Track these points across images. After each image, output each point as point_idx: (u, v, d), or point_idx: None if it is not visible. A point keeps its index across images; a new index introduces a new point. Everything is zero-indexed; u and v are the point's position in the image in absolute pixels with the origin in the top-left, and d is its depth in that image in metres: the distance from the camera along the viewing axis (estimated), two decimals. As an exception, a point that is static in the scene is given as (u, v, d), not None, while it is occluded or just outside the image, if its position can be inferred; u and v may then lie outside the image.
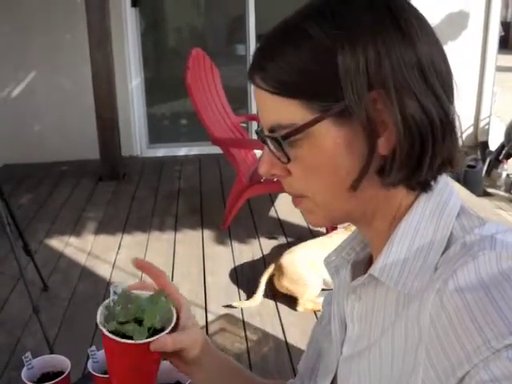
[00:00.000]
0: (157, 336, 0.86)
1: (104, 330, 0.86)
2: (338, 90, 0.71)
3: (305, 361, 1.07)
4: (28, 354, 1.37)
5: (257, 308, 3.53)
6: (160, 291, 0.93)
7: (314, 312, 3.43)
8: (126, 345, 0.85)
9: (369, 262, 0.90)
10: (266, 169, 0.81)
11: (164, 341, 0.87)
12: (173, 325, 0.89)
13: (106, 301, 0.91)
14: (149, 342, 0.85)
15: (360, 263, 0.92)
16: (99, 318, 0.88)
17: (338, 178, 0.76)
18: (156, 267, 0.98)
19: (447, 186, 0.81)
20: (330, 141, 0.73)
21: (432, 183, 0.78)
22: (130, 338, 0.86)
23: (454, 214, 0.78)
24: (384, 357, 0.78)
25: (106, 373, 1.37)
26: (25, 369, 1.35)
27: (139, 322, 0.88)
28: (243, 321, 3.38)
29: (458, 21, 6.56)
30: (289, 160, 0.76)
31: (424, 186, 0.78)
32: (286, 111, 0.74)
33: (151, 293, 0.93)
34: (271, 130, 0.77)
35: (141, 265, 0.97)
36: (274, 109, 0.76)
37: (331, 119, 0.72)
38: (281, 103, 0.74)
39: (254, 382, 1.07)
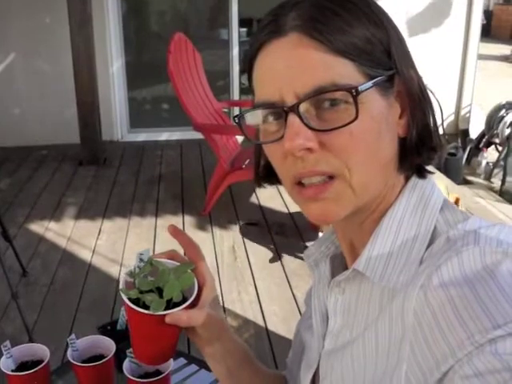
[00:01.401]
0: (172, 310, 0.85)
1: (124, 298, 0.86)
2: (387, 60, 0.74)
3: (292, 355, 1.07)
4: (7, 342, 1.35)
5: (237, 295, 3.53)
6: (187, 263, 0.92)
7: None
8: (142, 314, 0.85)
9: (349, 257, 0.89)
10: (300, 141, 0.71)
11: (179, 316, 0.85)
12: (191, 301, 0.88)
13: (131, 267, 0.90)
14: (164, 315, 0.85)
15: (338, 257, 0.91)
16: (121, 284, 0.88)
17: (380, 149, 0.75)
18: (190, 238, 0.96)
19: (429, 181, 0.82)
20: (377, 109, 0.73)
21: (426, 170, 0.81)
22: (149, 307, 0.86)
23: (438, 208, 0.79)
24: (368, 351, 0.78)
25: (84, 362, 1.37)
26: (3, 358, 1.34)
27: (161, 291, 0.87)
28: (224, 307, 3.38)
29: (441, 9, 6.57)
30: (356, 117, 0.70)
31: (422, 172, 0.81)
32: (342, 72, 0.71)
33: (178, 263, 0.92)
34: (316, 92, 0.70)
35: (175, 232, 0.95)
36: (327, 68, 0.70)
37: (377, 88, 0.73)
38: (336, 63, 0.70)
39: (262, 372, 1.06)
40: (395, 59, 0.74)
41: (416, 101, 0.77)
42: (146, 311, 0.85)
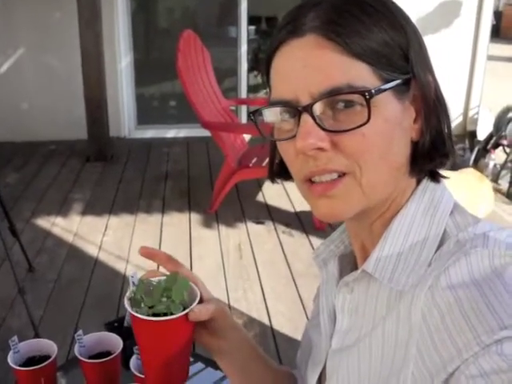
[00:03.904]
0: (192, 306, 0.88)
1: (142, 316, 0.87)
2: (404, 64, 0.74)
3: (300, 354, 1.08)
4: (14, 337, 1.36)
5: (243, 293, 3.54)
6: (173, 273, 0.95)
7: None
8: (165, 322, 0.86)
9: (355, 258, 0.90)
10: (311, 141, 0.71)
11: (199, 310, 0.88)
12: (199, 296, 0.91)
13: (128, 293, 0.92)
14: (187, 314, 0.87)
15: (347, 256, 0.92)
16: (130, 308, 0.89)
17: (392, 152, 0.75)
18: (162, 252, 0.99)
19: (440, 184, 0.82)
20: (391, 112, 0.74)
21: (439, 175, 0.81)
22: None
23: (448, 211, 0.79)
24: (374, 351, 0.78)
25: (91, 358, 1.37)
26: (11, 353, 1.34)
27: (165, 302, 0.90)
28: (229, 305, 3.38)
29: (451, 9, 6.55)
30: (368, 120, 0.70)
31: (435, 176, 0.81)
32: (358, 74, 0.71)
33: (163, 277, 0.94)
34: (330, 93, 0.71)
35: (147, 252, 0.97)
36: (344, 70, 0.71)
37: (392, 91, 0.73)
38: (353, 66, 0.71)
39: (272, 368, 1.07)
40: (413, 63, 0.74)
41: (431, 106, 0.77)
42: (170, 317, 0.86)
